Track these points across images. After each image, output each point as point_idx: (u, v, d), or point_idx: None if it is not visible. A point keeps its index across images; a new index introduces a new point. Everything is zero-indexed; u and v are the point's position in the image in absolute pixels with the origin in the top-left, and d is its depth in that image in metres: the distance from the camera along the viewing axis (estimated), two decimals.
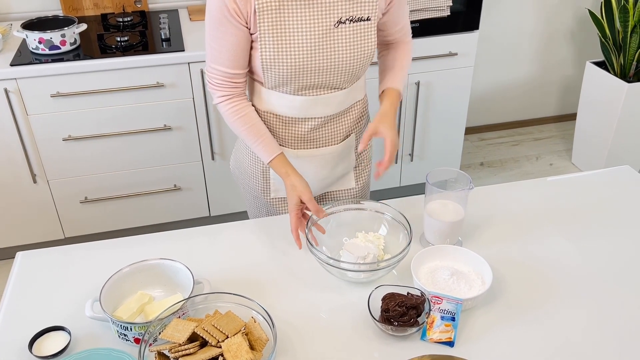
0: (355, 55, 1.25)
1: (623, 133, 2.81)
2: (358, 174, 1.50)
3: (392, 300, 1.07)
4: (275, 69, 1.22)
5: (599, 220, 1.36)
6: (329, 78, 1.26)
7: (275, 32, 1.18)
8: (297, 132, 1.34)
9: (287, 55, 1.20)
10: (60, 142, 2.23)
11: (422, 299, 1.08)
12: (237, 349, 0.95)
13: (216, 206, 2.56)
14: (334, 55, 1.23)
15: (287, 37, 1.19)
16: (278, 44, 1.19)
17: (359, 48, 1.24)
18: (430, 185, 1.23)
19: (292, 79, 1.24)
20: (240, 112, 1.28)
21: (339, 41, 1.22)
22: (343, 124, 1.37)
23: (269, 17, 1.17)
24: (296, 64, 1.21)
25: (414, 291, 1.10)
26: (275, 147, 1.29)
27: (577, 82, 3.41)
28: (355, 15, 1.21)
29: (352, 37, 1.23)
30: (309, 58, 1.21)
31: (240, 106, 1.28)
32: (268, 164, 1.29)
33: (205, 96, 2.27)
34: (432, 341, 1.06)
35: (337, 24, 1.21)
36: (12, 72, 2.06)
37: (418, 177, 2.77)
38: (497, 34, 3.12)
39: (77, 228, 2.44)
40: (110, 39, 2.27)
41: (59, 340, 1.06)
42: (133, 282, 1.14)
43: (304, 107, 1.30)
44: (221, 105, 1.29)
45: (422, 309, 1.08)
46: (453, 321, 1.06)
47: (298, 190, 1.24)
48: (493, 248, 1.28)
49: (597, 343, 1.06)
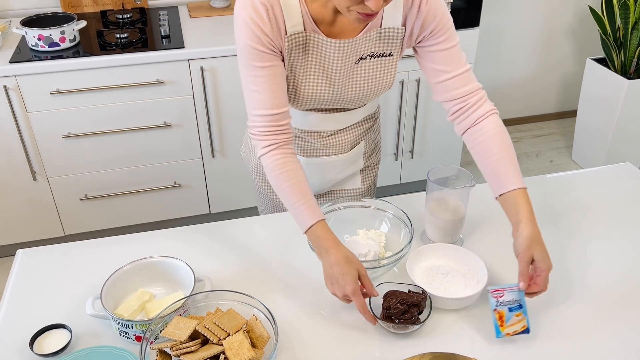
0: (373, 88, 1.23)
1: (623, 130, 2.80)
2: (365, 176, 1.49)
3: (394, 298, 1.07)
4: (295, 95, 1.21)
5: (600, 218, 1.36)
6: (343, 104, 1.27)
7: (300, 65, 1.16)
8: (307, 143, 1.34)
9: (308, 88, 1.19)
10: (60, 140, 2.22)
11: (423, 296, 1.08)
12: (239, 346, 0.95)
13: (216, 203, 2.56)
14: (353, 89, 1.22)
15: (311, 71, 1.17)
16: (302, 77, 1.18)
17: (378, 81, 1.22)
18: (431, 182, 1.23)
19: (308, 105, 1.24)
20: (285, 165, 1.13)
21: (359, 76, 1.21)
22: (353, 135, 1.36)
23: (296, 52, 1.15)
24: (316, 95, 1.20)
25: (415, 289, 1.10)
26: (319, 211, 1.12)
27: (577, 78, 3.40)
28: (377, 51, 1.19)
29: (373, 71, 1.21)
30: (330, 91, 1.21)
31: (286, 159, 1.14)
32: (307, 230, 1.10)
33: (205, 93, 2.26)
34: (509, 335, 1.03)
35: (358, 60, 1.19)
36: (12, 69, 2.05)
37: (418, 174, 2.76)
38: (497, 31, 3.11)
39: (77, 225, 2.44)
40: (110, 35, 2.26)
41: (60, 338, 1.05)
42: (134, 279, 1.14)
43: (315, 122, 1.30)
44: (265, 157, 1.15)
45: (424, 306, 1.07)
46: (521, 308, 1.04)
47: (355, 263, 1.05)
48: (494, 245, 1.28)
49: (594, 341, 1.06)
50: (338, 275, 1.04)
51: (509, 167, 1.12)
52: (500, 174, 1.12)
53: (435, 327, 1.08)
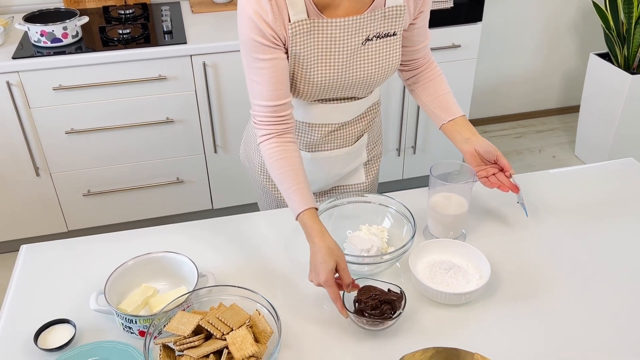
0: (380, 70, 1.24)
1: (626, 125, 2.80)
2: (368, 169, 1.49)
3: (367, 293, 1.06)
4: (300, 85, 1.21)
5: (603, 213, 1.36)
6: (351, 91, 1.26)
7: (305, 53, 1.16)
8: (312, 137, 1.34)
9: (314, 76, 1.19)
10: (62, 135, 2.23)
11: (399, 296, 1.07)
12: (242, 341, 0.95)
13: (219, 199, 2.56)
14: (360, 72, 1.22)
15: (316, 58, 1.17)
16: (307, 65, 1.18)
17: (384, 62, 1.23)
18: (434, 177, 1.23)
19: (314, 95, 1.23)
20: (281, 153, 1.16)
21: (365, 58, 1.21)
22: (358, 127, 1.37)
23: (300, 39, 1.14)
24: (322, 83, 1.20)
25: (395, 288, 1.09)
26: (310, 199, 1.13)
27: (580, 74, 3.39)
28: (382, 31, 1.20)
29: (379, 52, 1.22)
30: (336, 76, 1.21)
31: (283, 147, 1.16)
32: (298, 217, 1.13)
33: (208, 89, 2.26)
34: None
35: (364, 41, 1.19)
36: (14, 65, 2.05)
37: (420, 169, 2.76)
38: (500, 26, 3.10)
39: (80, 221, 2.44)
40: (112, 31, 2.26)
41: (64, 333, 1.06)
42: (137, 275, 1.14)
43: (321, 115, 1.30)
44: (263, 144, 1.18)
45: (398, 307, 1.05)
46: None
47: (336, 254, 1.07)
48: (496, 241, 1.28)
49: (598, 337, 1.06)
50: (316, 264, 1.07)
51: (453, 99, 1.34)
52: (449, 104, 1.32)
53: (438, 322, 1.09)
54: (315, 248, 1.08)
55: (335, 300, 1.05)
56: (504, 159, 1.25)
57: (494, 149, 1.25)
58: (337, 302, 1.05)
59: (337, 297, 1.05)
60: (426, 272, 1.16)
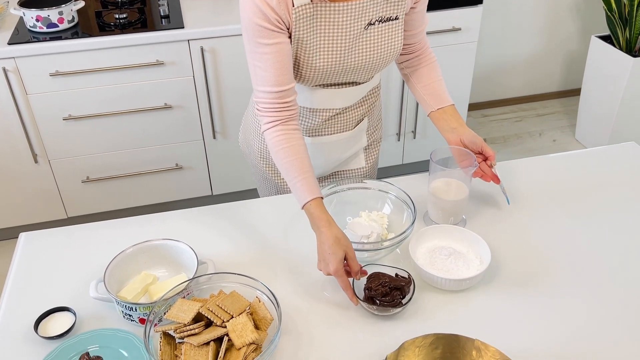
0: (383, 54, 1.23)
1: (628, 108, 2.78)
2: (368, 153, 1.49)
3: (377, 280, 1.07)
4: (303, 70, 1.19)
5: (603, 198, 1.36)
6: (354, 76, 1.25)
7: (308, 38, 1.15)
8: (313, 122, 1.33)
9: (317, 60, 1.18)
10: (60, 122, 2.21)
11: (407, 281, 1.07)
12: (242, 328, 0.95)
13: (218, 185, 2.56)
14: (363, 56, 1.21)
15: (319, 42, 1.16)
16: (310, 50, 1.16)
17: (387, 47, 1.22)
18: (434, 163, 1.22)
19: (317, 80, 1.22)
20: (287, 141, 1.15)
21: (368, 42, 1.20)
22: (358, 111, 1.36)
23: (304, 24, 1.13)
24: (325, 68, 1.19)
25: (402, 273, 1.10)
26: (316, 188, 1.13)
27: (582, 56, 3.36)
28: (385, 15, 1.19)
29: (381, 36, 1.21)
30: (339, 60, 1.19)
31: (288, 135, 1.15)
32: (304, 206, 1.12)
33: (206, 74, 2.24)
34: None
35: (367, 25, 1.18)
36: (10, 51, 2.03)
37: (420, 154, 2.75)
38: (501, 8, 3.07)
39: (79, 208, 2.44)
40: (109, 16, 2.24)
41: (64, 321, 1.06)
42: (137, 262, 1.14)
43: (322, 100, 1.29)
44: (268, 132, 1.17)
45: (407, 291, 1.07)
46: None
47: (343, 244, 1.07)
48: (496, 226, 1.27)
49: (598, 324, 1.06)
50: (325, 254, 1.07)
51: (444, 87, 1.34)
52: (440, 92, 1.33)
53: (439, 308, 1.09)
54: (322, 237, 1.08)
55: (346, 288, 1.06)
56: (488, 148, 1.25)
57: (479, 140, 1.26)
58: (348, 291, 1.06)
59: (348, 285, 1.06)
60: (426, 258, 1.16)
